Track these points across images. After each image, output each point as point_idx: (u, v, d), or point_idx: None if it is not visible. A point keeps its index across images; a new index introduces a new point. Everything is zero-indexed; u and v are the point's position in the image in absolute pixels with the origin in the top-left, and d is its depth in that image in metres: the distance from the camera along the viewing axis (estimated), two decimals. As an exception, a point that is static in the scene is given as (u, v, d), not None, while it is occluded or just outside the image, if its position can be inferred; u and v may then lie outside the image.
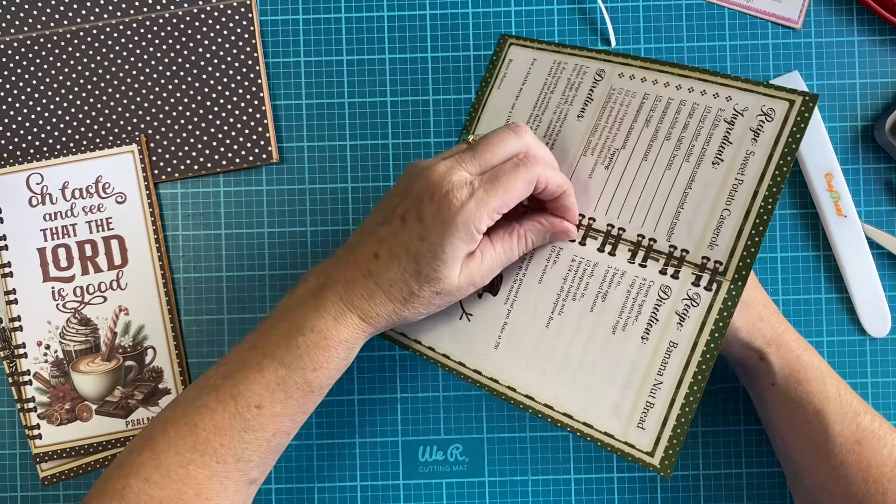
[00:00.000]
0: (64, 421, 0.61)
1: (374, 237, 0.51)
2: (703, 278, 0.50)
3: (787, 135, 0.49)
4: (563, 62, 0.57)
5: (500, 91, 0.60)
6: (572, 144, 0.55)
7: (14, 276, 0.61)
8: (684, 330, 0.50)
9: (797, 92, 0.50)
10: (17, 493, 0.62)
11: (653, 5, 0.63)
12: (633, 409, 0.50)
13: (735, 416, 0.61)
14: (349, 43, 0.63)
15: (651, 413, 0.49)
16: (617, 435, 0.50)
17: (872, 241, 0.61)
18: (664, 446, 0.48)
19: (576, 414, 0.51)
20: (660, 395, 0.49)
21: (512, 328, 0.53)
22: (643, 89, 0.54)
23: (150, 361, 0.61)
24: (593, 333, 0.51)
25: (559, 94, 0.57)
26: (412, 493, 0.62)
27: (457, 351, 0.55)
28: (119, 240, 0.62)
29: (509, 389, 0.52)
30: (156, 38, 0.62)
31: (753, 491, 0.61)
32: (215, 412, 0.49)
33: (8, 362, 0.62)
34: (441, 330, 0.56)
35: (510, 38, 0.61)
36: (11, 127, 0.62)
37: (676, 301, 0.50)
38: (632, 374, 0.50)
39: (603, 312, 0.51)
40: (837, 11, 0.63)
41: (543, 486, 0.62)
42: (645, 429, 0.49)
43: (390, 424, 0.62)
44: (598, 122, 0.55)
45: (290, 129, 0.63)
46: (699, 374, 0.49)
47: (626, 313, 0.51)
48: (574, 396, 0.51)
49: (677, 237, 0.51)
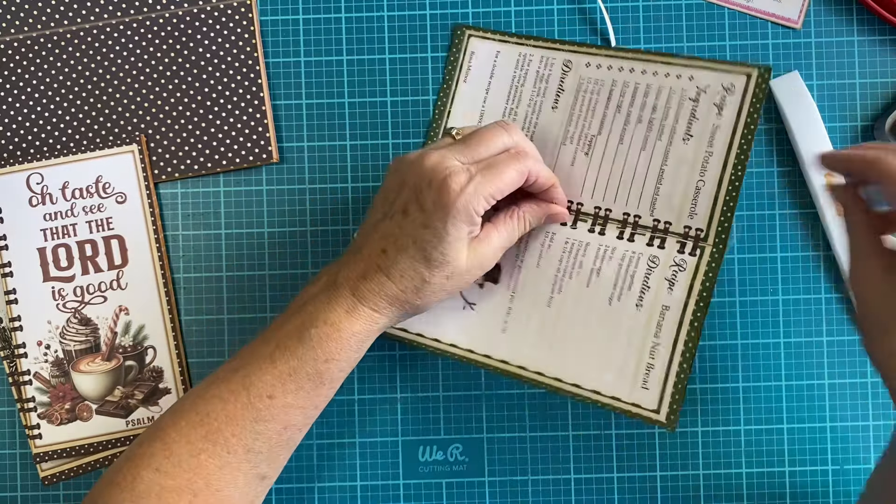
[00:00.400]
0: (64, 421, 0.61)
1: (378, 234, 0.52)
2: (687, 245, 0.55)
3: (748, 105, 0.54)
4: (528, 54, 0.60)
5: (468, 84, 0.61)
6: (551, 135, 0.59)
7: (14, 275, 0.61)
8: (674, 293, 0.54)
9: (752, 65, 0.54)
10: (17, 493, 0.62)
11: (653, 5, 0.63)
12: (635, 372, 0.54)
13: (735, 416, 0.61)
14: (349, 43, 0.63)
15: (652, 373, 0.54)
16: (623, 397, 0.54)
17: (872, 241, 0.61)
18: (668, 402, 0.53)
19: (584, 383, 0.55)
20: (658, 355, 0.54)
21: (517, 311, 0.57)
22: (611, 77, 0.58)
23: (151, 361, 0.61)
24: (591, 306, 0.56)
25: (530, 86, 0.60)
26: (412, 493, 0.62)
27: (463, 340, 0.58)
28: (119, 240, 0.62)
29: (520, 369, 0.56)
30: (156, 38, 0.62)
31: (753, 491, 0.61)
32: (227, 402, 0.49)
33: (8, 362, 0.62)
34: (445, 322, 0.59)
35: (468, 29, 0.62)
36: (12, 127, 0.62)
37: (665, 268, 0.55)
38: (631, 340, 0.54)
39: (598, 286, 0.56)
40: (837, 11, 0.63)
41: (543, 486, 0.62)
42: (648, 388, 0.54)
43: (390, 424, 0.62)
44: (573, 112, 0.59)
45: (290, 129, 0.63)
46: (692, 331, 0.53)
47: (620, 284, 0.55)
48: (580, 367, 0.55)
49: (659, 211, 0.55)
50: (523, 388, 0.62)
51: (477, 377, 0.62)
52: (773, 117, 0.62)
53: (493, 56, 0.61)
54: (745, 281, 0.62)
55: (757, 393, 0.61)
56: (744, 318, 0.62)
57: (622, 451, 0.62)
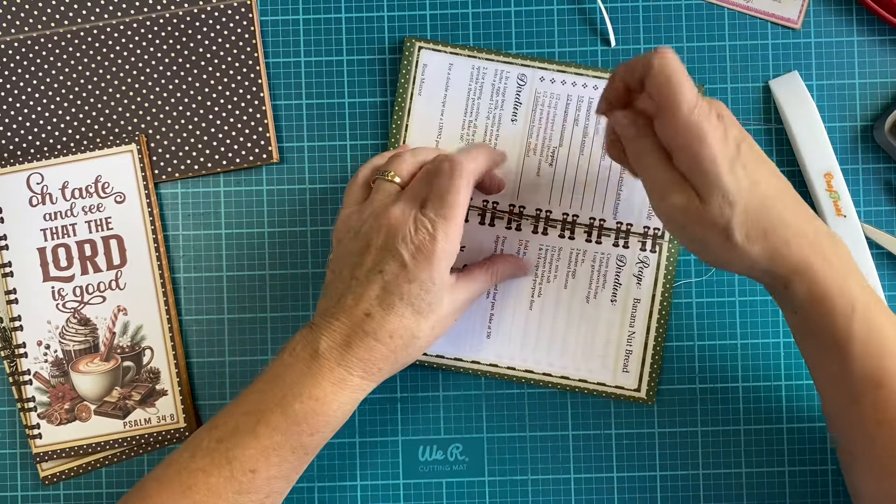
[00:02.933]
0: (64, 421, 0.61)
1: (355, 298, 0.51)
2: (647, 243, 0.61)
3: None
4: (481, 67, 0.62)
5: (423, 98, 0.62)
6: (514, 146, 0.62)
7: (14, 275, 0.61)
8: (642, 287, 0.61)
9: None
10: (18, 493, 0.62)
11: (653, 5, 0.63)
12: (616, 359, 0.61)
13: (735, 416, 0.61)
14: (349, 43, 0.63)
15: (631, 358, 0.61)
16: (608, 382, 0.61)
17: (872, 241, 0.61)
18: (646, 381, 0.61)
19: (571, 374, 0.61)
20: (635, 342, 0.61)
21: (499, 317, 0.62)
22: (565, 91, 0.62)
23: (148, 362, 0.61)
24: (571, 306, 0.61)
25: (487, 98, 0.62)
26: (412, 493, 0.62)
27: (450, 350, 0.61)
28: (118, 239, 0.62)
29: (509, 369, 0.61)
30: (156, 38, 0.62)
31: (753, 491, 0.61)
32: (210, 475, 0.50)
33: (8, 362, 0.62)
34: None
35: (417, 42, 0.62)
36: (12, 127, 0.62)
37: (631, 265, 0.61)
38: (609, 332, 0.61)
39: (575, 287, 0.61)
40: (837, 11, 0.63)
41: (543, 486, 0.62)
42: (629, 371, 0.61)
43: (390, 424, 0.62)
44: (532, 125, 0.62)
45: (290, 129, 0.63)
46: (661, 318, 0.61)
47: (595, 284, 0.61)
48: (566, 360, 0.61)
49: (621, 214, 0.61)
50: (523, 388, 0.62)
51: (477, 377, 0.62)
52: (773, 118, 0.62)
53: (447, 68, 0.62)
54: (744, 281, 0.62)
55: (757, 393, 0.61)
56: (743, 318, 0.62)
57: (622, 451, 0.62)
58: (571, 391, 0.61)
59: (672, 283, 0.61)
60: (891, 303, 0.61)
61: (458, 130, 0.62)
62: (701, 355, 0.62)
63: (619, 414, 0.62)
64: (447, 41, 0.62)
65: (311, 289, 0.62)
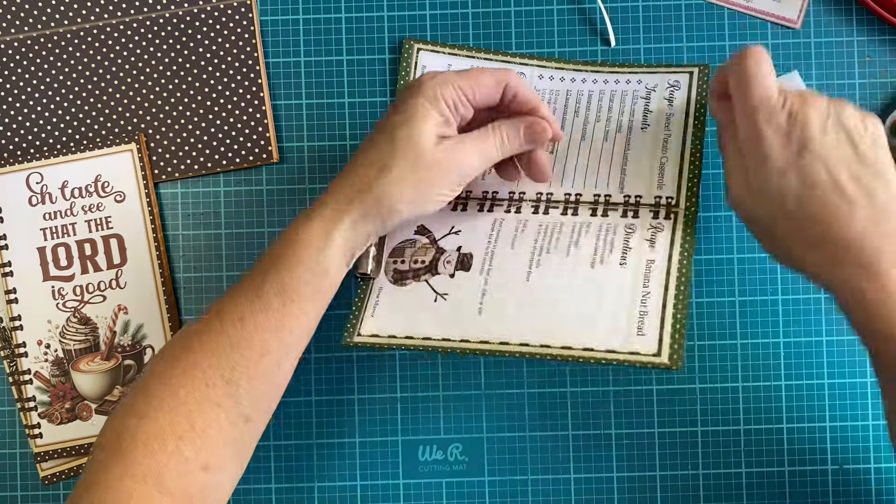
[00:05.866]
0: (64, 420, 0.61)
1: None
2: (661, 212, 0.56)
3: (695, 95, 0.59)
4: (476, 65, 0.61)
5: None
6: None
7: (14, 275, 0.61)
8: (657, 248, 0.54)
9: (693, 64, 0.61)
10: (17, 493, 0.62)
11: (652, 5, 0.63)
12: (628, 322, 0.52)
13: (735, 416, 0.61)
14: (349, 43, 0.63)
15: (647, 319, 0.52)
16: (618, 348, 0.51)
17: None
18: (668, 342, 0.51)
19: (574, 344, 0.52)
20: (650, 302, 0.52)
21: (492, 292, 0.55)
22: (564, 87, 0.61)
23: (149, 361, 0.61)
24: (574, 272, 0.54)
25: None
26: (412, 493, 0.62)
27: (437, 332, 0.55)
28: (118, 239, 0.62)
29: (502, 345, 0.53)
30: (156, 38, 0.62)
31: (753, 491, 0.61)
32: (202, 333, 0.49)
33: (8, 362, 0.62)
34: (415, 317, 0.56)
35: (416, 43, 0.62)
36: (12, 126, 0.62)
37: (643, 230, 0.56)
38: (619, 295, 0.53)
39: (579, 254, 0.55)
40: (837, 11, 0.63)
41: (543, 486, 0.62)
42: (645, 334, 0.51)
43: (390, 424, 0.62)
44: None
45: (290, 129, 0.63)
46: (681, 276, 0.53)
47: (601, 250, 0.55)
48: (568, 329, 0.53)
49: (629, 187, 0.58)
50: (523, 388, 0.62)
51: (477, 377, 0.62)
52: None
53: (447, 67, 0.62)
54: (744, 281, 0.62)
55: (757, 393, 0.61)
56: (743, 318, 0.62)
57: (622, 450, 0.62)
58: (574, 362, 0.54)
59: (692, 248, 0.54)
60: (891, 303, 0.61)
61: None
62: (701, 355, 0.62)
63: (619, 414, 0.62)
64: (446, 42, 0.62)
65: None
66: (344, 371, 0.62)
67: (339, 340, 0.61)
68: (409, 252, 0.59)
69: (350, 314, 0.57)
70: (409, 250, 0.59)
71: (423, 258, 0.58)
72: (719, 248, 0.62)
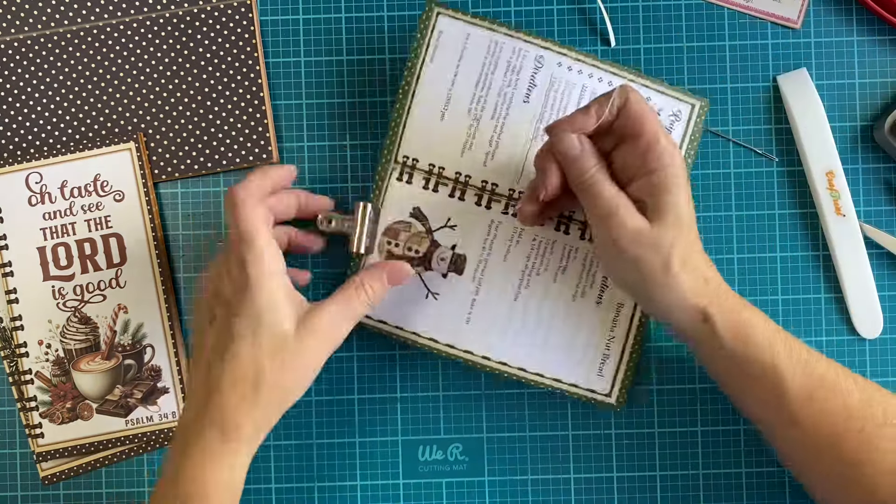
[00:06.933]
0: (66, 420, 0.61)
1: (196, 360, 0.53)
2: None
3: (690, 131, 0.60)
4: (500, 42, 0.60)
5: (434, 65, 0.60)
6: (521, 129, 0.60)
7: (14, 275, 0.61)
8: None
9: (696, 97, 0.60)
10: (17, 493, 0.62)
11: (652, 5, 0.63)
12: (592, 361, 0.59)
13: (735, 416, 0.61)
14: (349, 43, 0.63)
15: (607, 363, 0.59)
16: (581, 384, 0.59)
17: (871, 241, 0.61)
18: (618, 387, 0.59)
19: (546, 372, 0.59)
20: (613, 347, 0.59)
21: (482, 303, 0.59)
22: (581, 81, 0.60)
23: (149, 360, 0.61)
24: (557, 302, 0.59)
25: (501, 75, 0.60)
26: (412, 493, 0.62)
27: (427, 328, 0.59)
28: (117, 238, 0.62)
29: (483, 359, 0.59)
30: (156, 38, 0.62)
31: (753, 491, 0.61)
32: None
33: (8, 362, 0.62)
34: (408, 310, 0.59)
35: (437, 7, 0.60)
36: (12, 126, 0.62)
37: None
38: (591, 333, 0.59)
39: (564, 283, 0.59)
40: (837, 11, 0.63)
41: (543, 486, 0.62)
42: (603, 375, 0.59)
43: (390, 424, 0.62)
44: (545, 109, 0.60)
45: (290, 129, 0.63)
46: (640, 326, 0.59)
47: (583, 283, 0.60)
48: (544, 357, 0.59)
49: None
50: (523, 388, 0.62)
51: (477, 377, 0.62)
52: (776, 118, 0.62)
53: (464, 38, 0.60)
54: (744, 281, 0.62)
55: (757, 393, 0.61)
56: (744, 317, 0.62)
57: (622, 451, 0.62)
58: (541, 387, 0.59)
59: None
60: (889, 302, 0.61)
61: (467, 105, 0.60)
62: (701, 355, 0.62)
63: (619, 414, 0.62)
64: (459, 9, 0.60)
65: (311, 288, 0.62)
66: (344, 371, 0.62)
67: (338, 340, 0.61)
68: (405, 236, 0.59)
69: None
70: (405, 234, 0.59)
71: (417, 247, 0.59)
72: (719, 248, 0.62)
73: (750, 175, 0.62)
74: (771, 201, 0.62)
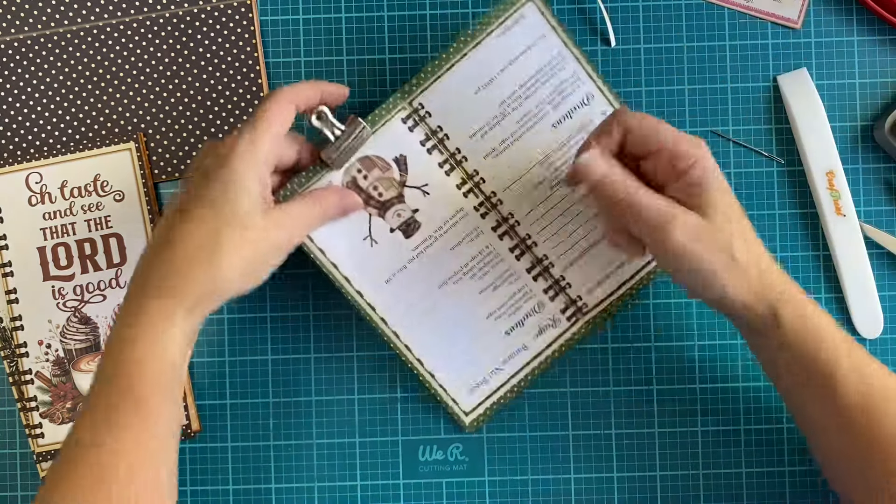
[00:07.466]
0: (66, 420, 0.61)
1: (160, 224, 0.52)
2: (569, 310, 0.60)
3: None
4: (566, 59, 0.59)
5: (498, 42, 0.59)
6: (535, 149, 0.59)
7: (14, 275, 0.61)
8: (538, 340, 0.60)
9: None
10: (18, 493, 0.62)
11: (653, 5, 0.63)
12: (471, 376, 0.60)
13: (735, 417, 0.61)
14: (349, 43, 0.63)
15: (483, 386, 0.60)
16: (449, 389, 0.60)
17: (871, 240, 0.61)
18: (478, 413, 0.60)
19: (426, 362, 0.60)
20: (495, 377, 0.60)
21: (410, 273, 0.59)
22: None
23: None
24: (473, 311, 0.60)
25: (548, 90, 0.59)
26: (412, 493, 0.62)
27: (355, 276, 0.59)
28: (117, 238, 0.62)
29: (394, 335, 0.60)
30: (156, 38, 0.62)
31: (753, 491, 0.61)
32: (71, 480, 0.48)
33: (8, 362, 0.62)
34: (342, 244, 0.59)
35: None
36: (11, 126, 0.62)
37: (543, 317, 0.60)
38: (484, 354, 0.60)
39: (488, 300, 0.60)
40: (837, 11, 0.63)
41: (543, 486, 0.62)
42: (472, 394, 0.60)
43: (390, 424, 0.62)
44: (567, 144, 0.59)
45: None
46: (531, 377, 0.60)
47: (504, 309, 0.60)
48: (432, 347, 0.60)
49: (570, 274, 0.60)
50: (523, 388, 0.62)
51: (476, 377, 0.62)
52: (777, 118, 0.62)
53: (538, 36, 0.58)
54: (744, 281, 0.62)
55: (757, 393, 0.61)
56: (744, 317, 0.62)
57: (622, 451, 0.62)
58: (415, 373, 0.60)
59: (562, 356, 0.60)
60: (890, 302, 0.61)
61: (504, 96, 0.59)
62: (701, 355, 0.62)
63: (619, 414, 0.62)
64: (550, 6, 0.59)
65: (311, 288, 0.62)
66: (344, 371, 0.62)
67: (339, 341, 0.62)
68: (377, 174, 0.58)
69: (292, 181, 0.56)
70: (378, 172, 0.58)
71: (383, 191, 0.59)
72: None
73: (750, 175, 0.62)
74: (771, 201, 0.62)
